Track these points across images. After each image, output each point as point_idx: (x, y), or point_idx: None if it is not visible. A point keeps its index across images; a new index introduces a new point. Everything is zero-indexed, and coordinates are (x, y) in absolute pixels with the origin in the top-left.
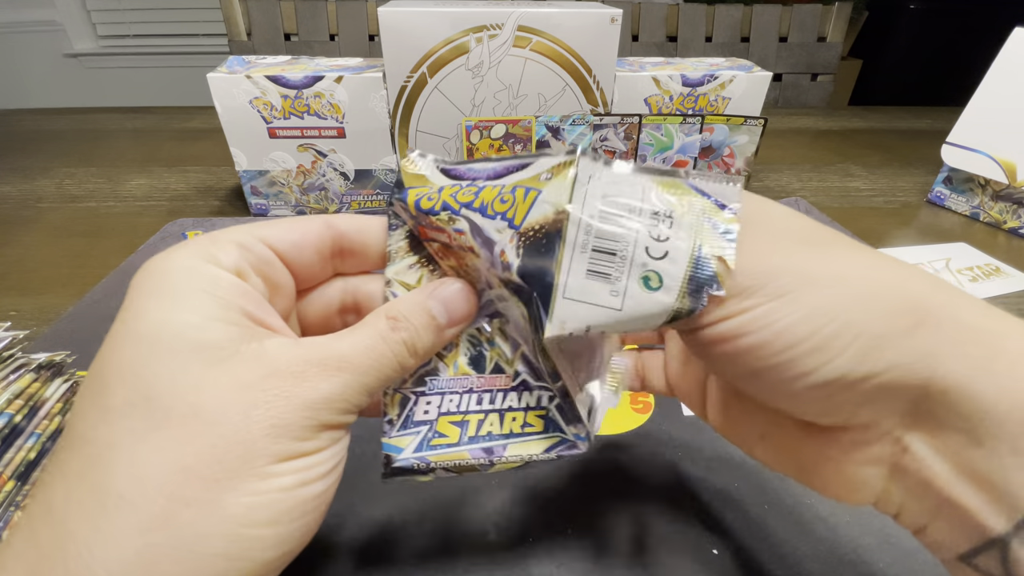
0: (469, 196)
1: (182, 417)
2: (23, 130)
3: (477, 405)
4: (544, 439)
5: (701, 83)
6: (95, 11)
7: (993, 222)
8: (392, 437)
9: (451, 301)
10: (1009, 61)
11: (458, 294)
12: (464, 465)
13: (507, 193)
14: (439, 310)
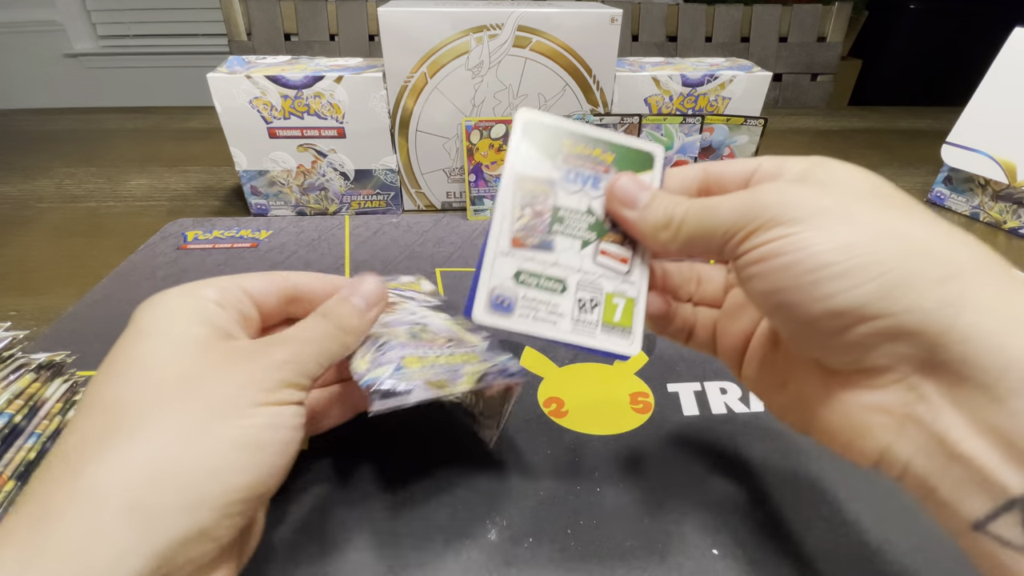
0: None
1: (179, 381)
2: (23, 130)
3: (428, 351)
4: (485, 362)
5: (701, 83)
6: (95, 11)
7: (993, 222)
8: (370, 372)
9: (367, 291)
10: (1009, 61)
11: (368, 283)
12: (436, 381)
13: None
14: (357, 299)
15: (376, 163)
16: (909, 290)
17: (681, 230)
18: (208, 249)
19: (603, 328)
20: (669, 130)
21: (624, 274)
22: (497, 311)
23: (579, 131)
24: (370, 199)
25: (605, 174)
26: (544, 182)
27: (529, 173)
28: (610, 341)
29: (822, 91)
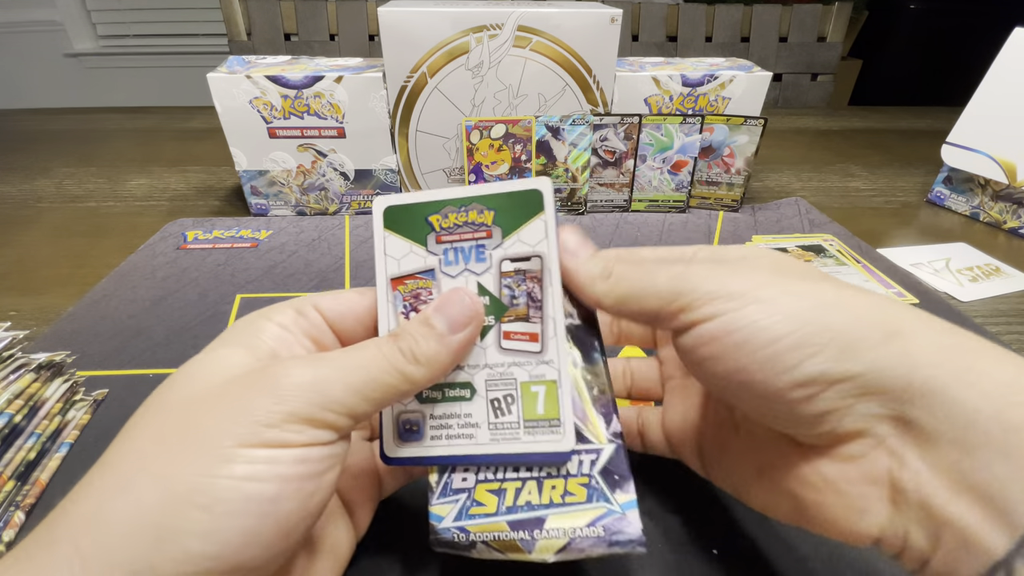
0: None
1: (177, 404)
2: (23, 130)
3: (514, 472)
4: (587, 510)
5: (701, 83)
6: (95, 11)
7: (993, 222)
8: (434, 505)
9: (448, 307)
10: (1009, 61)
11: (455, 300)
12: (506, 540)
13: None
14: (437, 318)
15: (376, 163)
16: (863, 351)
17: (618, 286)
18: (208, 249)
19: (526, 427)
20: (669, 130)
21: (537, 354)
22: (408, 440)
23: (444, 198)
24: (370, 199)
25: (488, 239)
26: (422, 275)
27: (403, 271)
28: (536, 441)
29: (822, 91)
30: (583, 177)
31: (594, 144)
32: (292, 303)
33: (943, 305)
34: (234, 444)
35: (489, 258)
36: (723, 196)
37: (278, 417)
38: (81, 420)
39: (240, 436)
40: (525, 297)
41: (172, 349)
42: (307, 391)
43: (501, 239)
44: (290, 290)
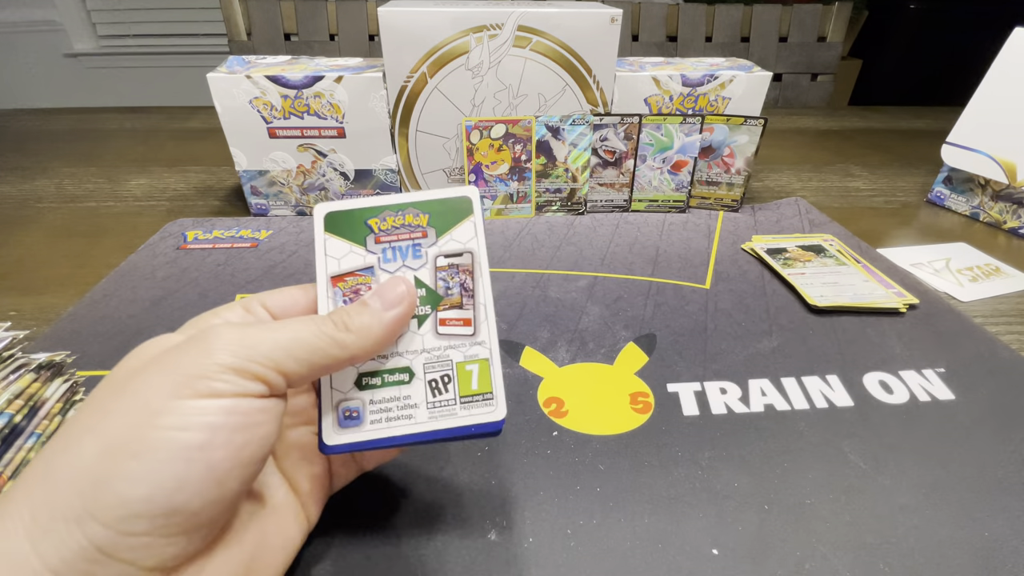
0: None
1: (120, 376)
2: (23, 130)
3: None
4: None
5: (701, 83)
6: (95, 11)
7: (993, 222)
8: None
9: (383, 290)
10: (1009, 61)
11: (390, 284)
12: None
13: None
14: (372, 298)
15: (376, 163)
16: None
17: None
18: (208, 249)
19: (462, 403)
20: (669, 130)
21: (471, 336)
22: (347, 426)
23: (382, 204)
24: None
25: (423, 239)
26: (361, 272)
27: (343, 269)
28: (472, 414)
29: (822, 91)
30: (583, 177)
31: (594, 144)
32: (240, 301)
33: (943, 305)
34: (166, 397)
35: (425, 255)
36: (723, 196)
37: (208, 368)
38: None
39: (170, 388)
40: (459, 287)
41: None
42: (235, 345)
43: (435, 238)
44: None
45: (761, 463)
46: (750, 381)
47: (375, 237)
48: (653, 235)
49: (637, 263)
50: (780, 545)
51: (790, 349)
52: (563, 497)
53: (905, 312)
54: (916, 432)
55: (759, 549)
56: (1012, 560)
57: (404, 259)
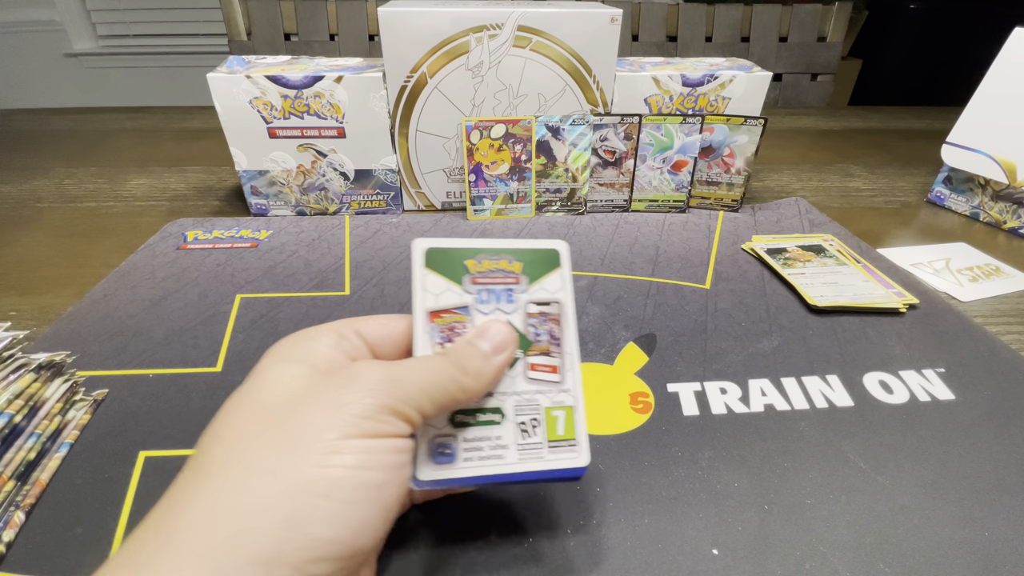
0: None
1: (270, 408)
2: (23, 130)
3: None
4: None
5: (701, 83)
6: (95, 11)
7: (993, 222)
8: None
9: (489, 334)
10: (1009, 61)
11: (495, 328)
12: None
13: None
14: (481, 342)
15: (376, 163)
16: None
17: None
18: (208, 249)
19: (549, 447)
20: (669, 130)
21: (558, 383)
22: (441, 463)
23: (480, 247)
24: (370, 199)
25: (516, 285)
26: (458, 310)
27: (440, 305)
28: (559, 458)
29: (822, 91)
30: (583, 177)
31: (594, 144)
32: (332, 327)
33: (943, 305)
34: (338, 436)
35: (517, 300)
36: (723, 196)
37: (371, 408)
38: (81, 420)
39: (341, 428)
40: (547, 335)
41: (172, 349)
42: (389, 386)
43: (527, 286)
44: (290, 290)
45: (761, 463)
46: (750, 381)
47: (471, 278)
48: (653, 235)
49: (637, 263)
50: (780, 545)
51: (790, 349)
52: (563, 497)
53: (905, 312)
54: (916, 432)
55: (759, 549)
56: (1012, 560)
57: (498, 302)
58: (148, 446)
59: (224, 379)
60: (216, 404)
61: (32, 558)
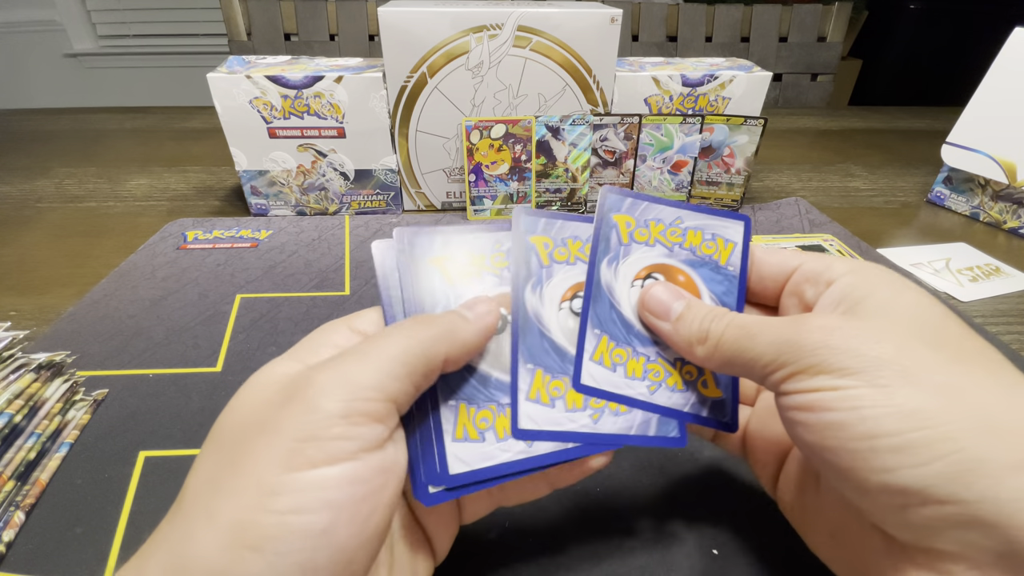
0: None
1: (225, 435)
2: (23, 130)
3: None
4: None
5: (701, 83)
6: (95, 11)
7: (993, 222)
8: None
9: (474, 304)
10: (1009, 61)
11: (481, 300)
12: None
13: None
14: (462, 309)
15: (376, 163)
16: (982, 476)
17: (718, 349)
18: (208, 249)
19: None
20: (669, 130)
21: None
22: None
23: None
24: (370, 199)
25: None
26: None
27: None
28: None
29: (822, 91)
30: (583, 177)
31: (594, 144)
32: (350, 320)
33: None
34: (278, 470)
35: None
36: (723, 196)
37: (313, 427)
38: (81, 420)
39: (280, 461)
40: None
41: (172, 349)
42: (334, 388)
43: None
44: (290, 290)
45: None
46: None
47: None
48: None
49: None
50: (780, 545)
51: None
52: (563, 497)
53: None
54: None
55: (759, 549)
56: None
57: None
58: (148, 446)
59: (224, 379)
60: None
61: (32, 558)
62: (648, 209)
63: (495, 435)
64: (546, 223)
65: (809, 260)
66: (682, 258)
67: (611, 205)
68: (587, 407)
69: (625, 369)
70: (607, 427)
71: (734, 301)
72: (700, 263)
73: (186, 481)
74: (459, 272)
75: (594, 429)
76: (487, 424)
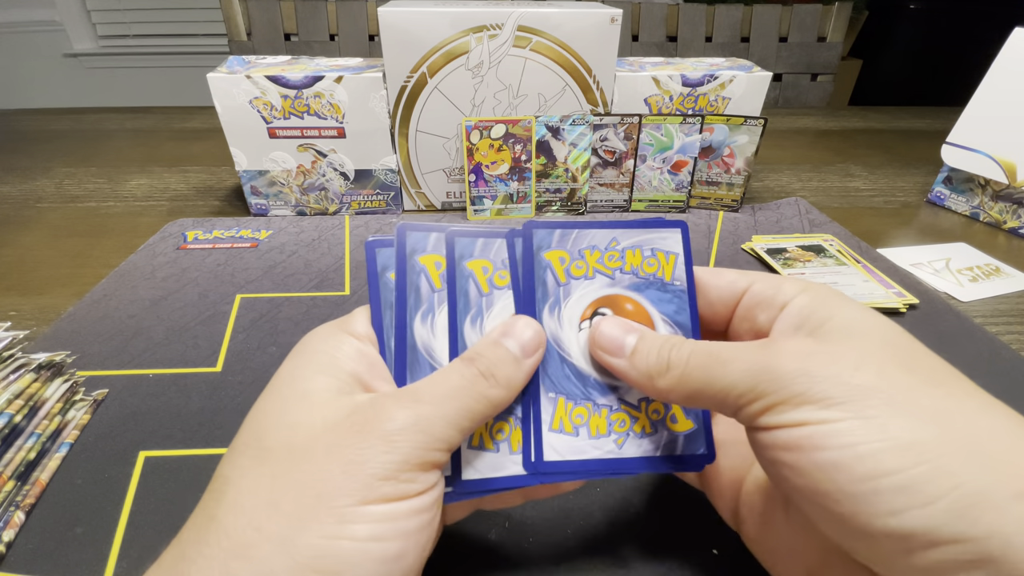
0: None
1: (278, 454)
2: (23, 130)
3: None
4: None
5: (701, 83)
6: (95, 11)
7: (993, 222)
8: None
9: (521, 333)
10: (1009, 61)
11: (526, 326)
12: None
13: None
14: (511, 342)
15: (376, 163)
16: (986, 509)
17: (683, 380)
18: (208, 249)
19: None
20: (669, 130)
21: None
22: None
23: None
24: (370, 199)
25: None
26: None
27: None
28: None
29: (822, 91)
30: (583, 177)
31: (594, 144)
32: (351, 327)
33: (943, 305)
34: (352, 502)
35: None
36: (723, 196)
37: (392, 467)
38: (81, 420)
39: (357, 493)
40: None
41: (172, 349)
42: (413, 434)
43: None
44: (290, 290)
45: None
46: None
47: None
48: None
49: None
50: None
51: None
52: (563, 497)
53: (905, 312)
54: None
55: None
56: None
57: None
58: (148, 446)
59: (224, 379)
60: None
61: (32, 558)
62: (580, 237)
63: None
64: (561, 235)
65: (758, 281)
66: (626, 284)
67: (539, 242)
68: (611, 432)
69: (588, 429)
70: (631, 451)
71: (687, 318)
72: (645, 285)
73: (219, 492)
74: (572, 268)
75: (619, 455)
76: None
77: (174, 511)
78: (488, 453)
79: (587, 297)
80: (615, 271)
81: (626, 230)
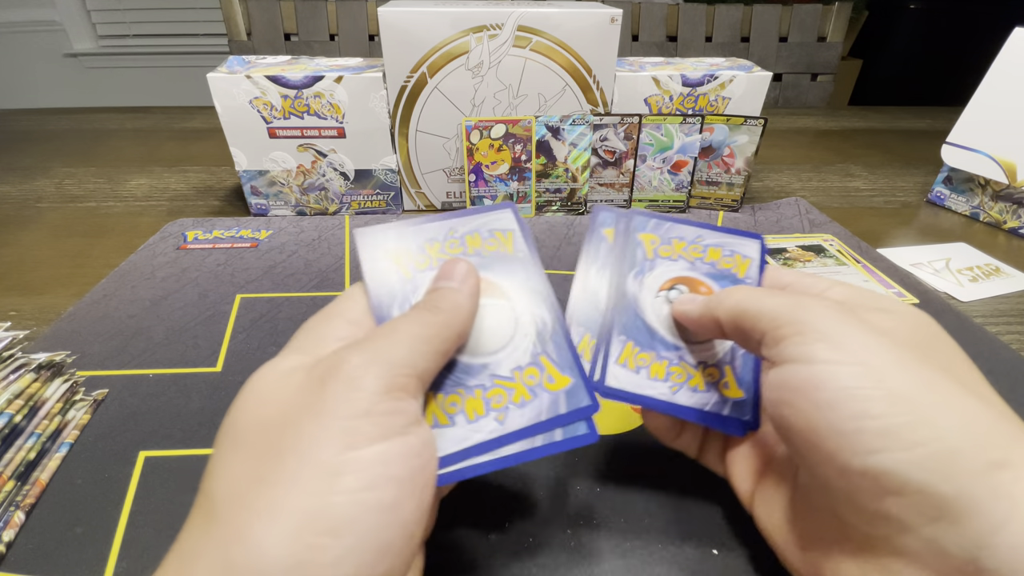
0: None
1: (253, 433)
2: (23, 130)
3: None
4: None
5: (701, 83)
6: (95, 11)
7: (993, 222)
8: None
9: (452, 269)
10: (1009, 61)
11: (454, 262)
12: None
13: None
14: (445, 280)
15: (376, 163)
16: (959, 469)
17: (728, 298)
18: (208, 249)
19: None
20: (669, 130)
21: None
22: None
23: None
24: (370, 199)
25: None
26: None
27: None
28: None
29: (822, 91)
30: (583, 177)
31: (594, 144)
32: (347, 312)
33: (943, 305)
34: (336, 450)
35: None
36: (723, 196)
37: (362, 403)
38: (81, 420)
39: (337, 439)
40: None
41: (172, 349)
42: (373, 365)
43: None
44: (290, 290)
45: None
46: None
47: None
48: None
49: None
50: None
51: None
52: (563, 497)
53: None
54: None
55: (760, 548)
56: None
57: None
58: (148, 446)
59: (224, 379)
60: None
61: (32, 558)
62: (672, 229)
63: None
64: (656, 223)
65: (805, 277)
66: (703, 271)
67: (637, 225)
68: (668, 379)
69: (648, 371)
70: (683, 400)
71: None
72: (720, 276)
73: (207, 488)
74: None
75: (672, 399)
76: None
77: (174, 511)
78: (446, 429)
79: (669, 273)
80: (696, 260)
81: (712, 231)
